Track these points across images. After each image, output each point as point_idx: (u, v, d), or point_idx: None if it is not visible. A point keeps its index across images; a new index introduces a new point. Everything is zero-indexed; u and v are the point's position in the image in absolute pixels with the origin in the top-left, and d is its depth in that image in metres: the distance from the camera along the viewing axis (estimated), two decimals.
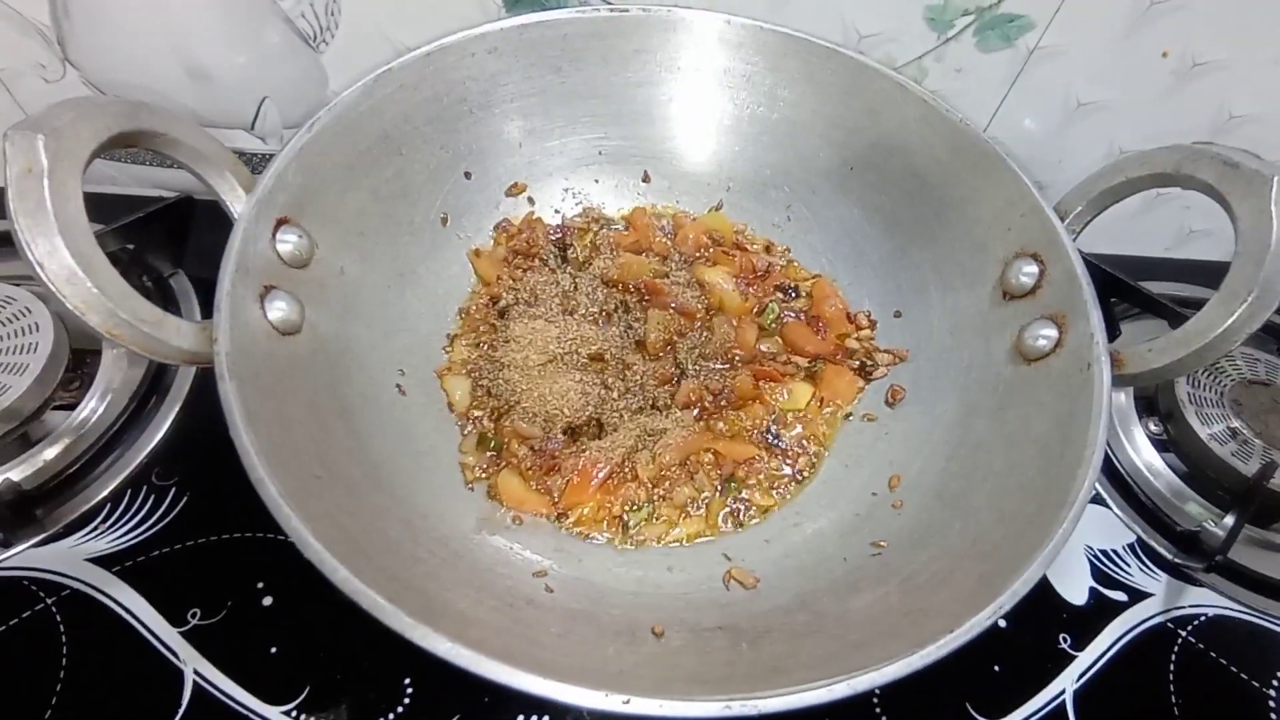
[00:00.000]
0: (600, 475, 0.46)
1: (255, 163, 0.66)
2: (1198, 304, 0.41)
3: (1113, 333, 0.58)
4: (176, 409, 0.53)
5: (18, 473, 0.48)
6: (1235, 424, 0.56)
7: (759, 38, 0.54)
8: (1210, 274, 0.69)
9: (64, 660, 0.42)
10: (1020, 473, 0.41)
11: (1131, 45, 0.56)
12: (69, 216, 0.32)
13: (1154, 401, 0.60)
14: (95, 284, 0.32)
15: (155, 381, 0.55)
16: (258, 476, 0.32)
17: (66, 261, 0.31)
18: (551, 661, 0.31)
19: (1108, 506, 0.55)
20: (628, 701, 0.29)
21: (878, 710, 0.44)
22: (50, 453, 0.50)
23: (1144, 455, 0.58)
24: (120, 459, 0.51)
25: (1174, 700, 0.46)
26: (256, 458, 0.33)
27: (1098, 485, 0.55)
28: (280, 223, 0.43)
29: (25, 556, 0.46)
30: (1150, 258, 0.73)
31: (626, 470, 0.48)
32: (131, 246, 0.57)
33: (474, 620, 0.34)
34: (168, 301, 0.59)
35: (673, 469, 0.48)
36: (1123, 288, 0.56)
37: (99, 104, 0.35)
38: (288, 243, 0.43)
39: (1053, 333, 0.44)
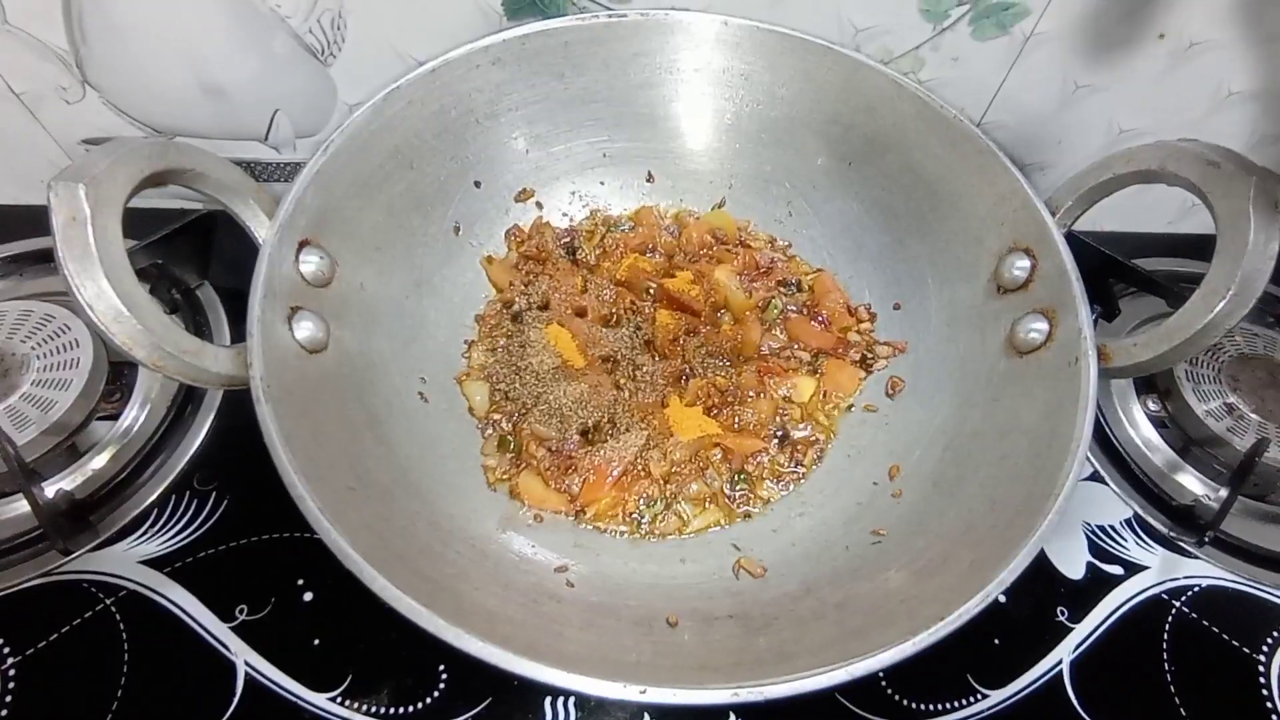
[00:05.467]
0: (615, 473, 0.49)
1: (270, 171, 0.68)
2: (1197, 280, 0.42)
3: (1111, 311, 0.60)
4: (212, 416, 0.56)
5: (69, 482, 0.52)
6: (1232, 399, 0.58)
7: (756, 37, 0.54)
8: (1210, 249, 0.70)
9: (126, 655, 0.46)
10: (1011, 462, 0.43)
11: (1128, 29, 0.56)
12: (112, 259, 0.34)
13: (1152, 379, 0.62)
14: (140, 321, 0.35)
15: (191, 391, 0.57)
16: (298, 494, 0.35)
17: (113, 302, 0.34)
18: (575, 654, 0.34)
19: (1105, 483, 0.56)
20: (644, 691, 0.32)
21: (883, 682, 0.47)
22: (98, 462, 0.53)
23: (1142, 432, 0.59)
24: (163, 466, 0.54)
25: (1167, 667, 0.48)
26: (295, 475, 0.36)
27: (1095, 462, 0.57)
28: (302, 244, 0.45)
29: (83, 560, 0.49)
30: (1153, 233, 0.73)
31: (639, 468, 0.50)
32: (160, 261, 0.60)
33: (502, 618, 0.37)
34: (195, 313, 0.61)
35: (683, 465, 0.51)
36: (1119, 268, 0.57)
37: (132, 147, 0.37)
38: (310, 263, 0.45)
39: (1044, 326, 0.45)
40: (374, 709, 0.44)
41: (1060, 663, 0.48)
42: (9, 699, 0.44)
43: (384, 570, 0.34)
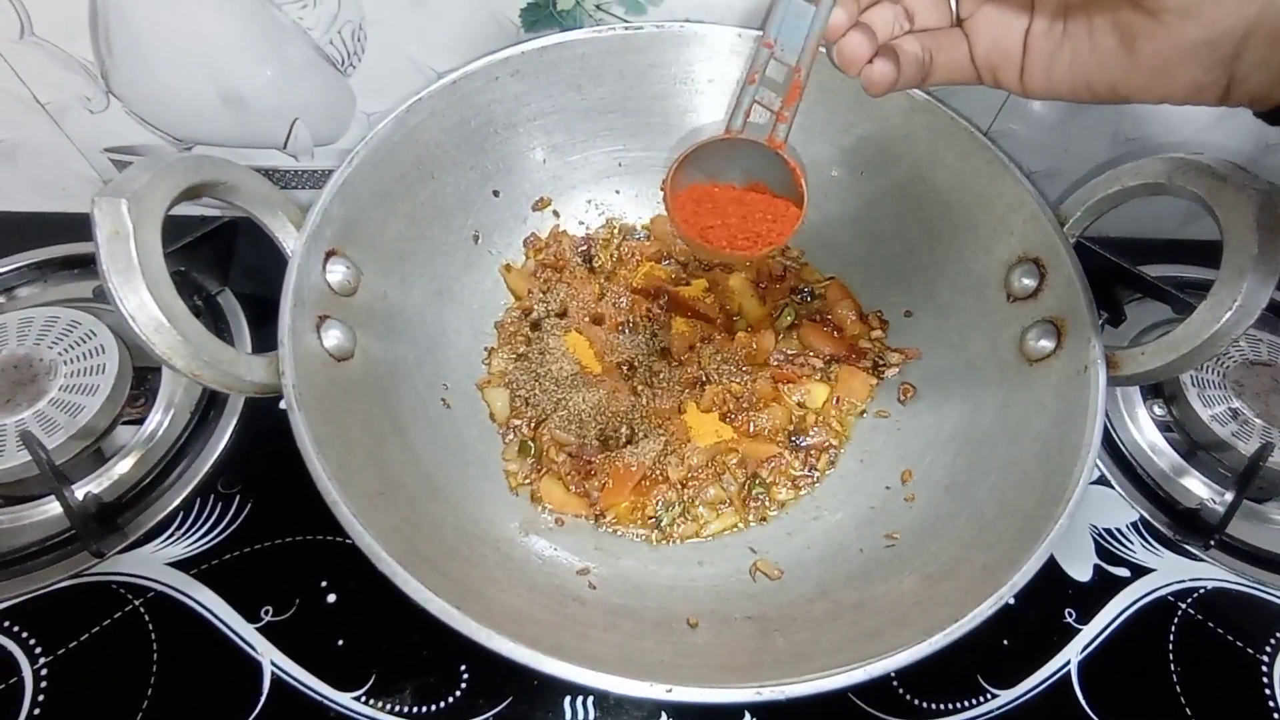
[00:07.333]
0: (633, 478, 0.50)
1: (288, 179, 0.69)
2: (1202, 286, 0.43)
3: (1118, 317, 0.61)
4: (234, 421, 0.57)
5: (96, 485, 0.53)
6: (1236, 405, 0.59)
7: None
8: (1217, 255, 0.70)
9: (155, 654, 0.47)
10: (1021, 468, 0.44)
11: None
12: (153, 272, 0.35)
13: (1158, 385, 0.63)
14: (180, 331, 0.36)
15: (214, 395, 0.58)
16: (332, 499, 0.36)
17: (154, 314, 0.35)
18: (600, 655, 0.35)
19: (1112, 487, 0.57)
20: (670, 690, 0.33)
21: (894, 681, 0.48)
22: (124, 465, 0.54)
23: (1147, 436, 0.60)
24: (188, 470, 0.55)
25: (1173, 668, 0.49)
26: (329, 481, 0.36)
27: (1102, 466, 0.58)
28: (329, 255, 0.46)
29: (112, 562, 0.50)
30: (1160, 239, 0.74)
31: (657, 473, 0.51)
32: (183, 269, 0.61)
33: (529, 619, 0.38)
34: (217, 319, 0.62)
35: (700, 470, 0.52)
36: (1126, 274, 0.58)
37: (170, 163, 0.38)
38: (336, 273, 0.46)
39: (1053, 335, 0.46)
40: (397, 708, 0.45)
41: (1068, 663, 0.49)
42: (41, 698, 0.45)
43: (415, 573, 0.35)
